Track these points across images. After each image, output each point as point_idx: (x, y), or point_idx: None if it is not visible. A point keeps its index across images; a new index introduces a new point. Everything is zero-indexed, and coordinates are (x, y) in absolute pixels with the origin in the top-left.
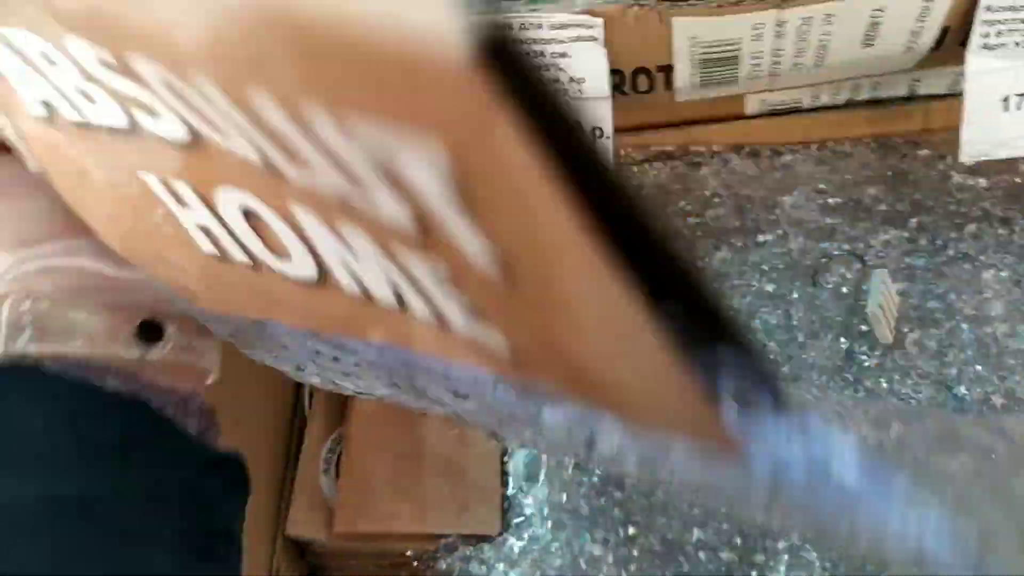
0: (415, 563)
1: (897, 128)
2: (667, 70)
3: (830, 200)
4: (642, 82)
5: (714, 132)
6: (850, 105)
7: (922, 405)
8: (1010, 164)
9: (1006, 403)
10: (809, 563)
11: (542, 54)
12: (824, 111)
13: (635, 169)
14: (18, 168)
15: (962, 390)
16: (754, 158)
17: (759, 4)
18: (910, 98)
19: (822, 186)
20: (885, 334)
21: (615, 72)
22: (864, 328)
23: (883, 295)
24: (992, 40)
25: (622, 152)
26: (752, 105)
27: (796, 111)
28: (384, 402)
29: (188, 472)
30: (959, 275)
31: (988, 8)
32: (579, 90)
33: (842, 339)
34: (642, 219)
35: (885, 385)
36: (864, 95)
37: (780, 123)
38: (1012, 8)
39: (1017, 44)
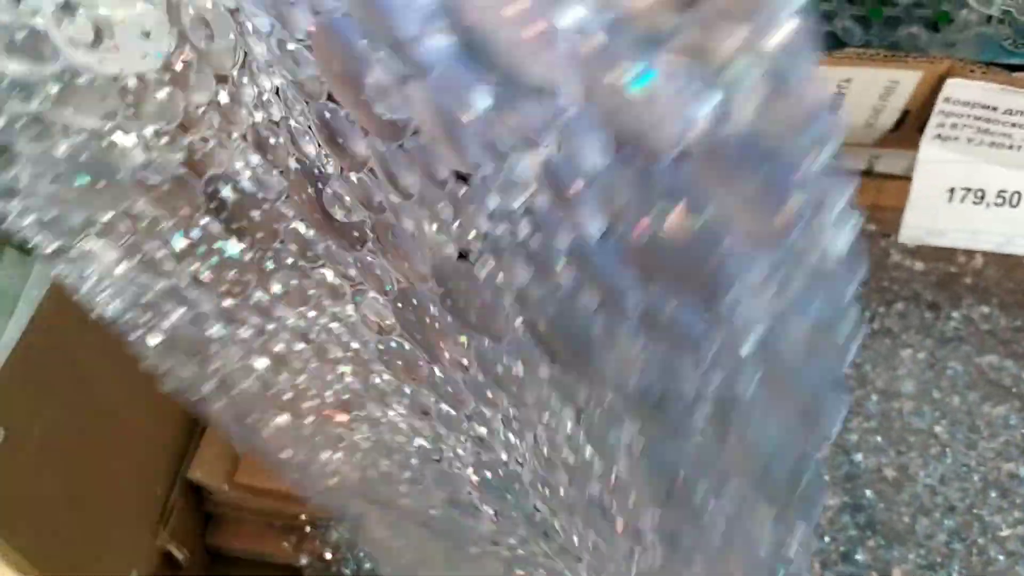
0: (307, 528)
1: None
2: None
3: None
4: None
5: None
6: None
7: None
8: (949, 253)
9: (897, 477)
10: None
11: None
12: None
13: None
14: None
15: (858, 457)
16: None
17: None
18: (867, 173)
19: None
20: None
21: None
22: None
23: None
24: (946, 132)
25: None
26: None
27: None
28: None
29: None
30: (878, 348)
31: (946, 100)
32: None
33: None
34: None
35: None
36: None
37: None
38: (968, 104)
39: (970, 140)
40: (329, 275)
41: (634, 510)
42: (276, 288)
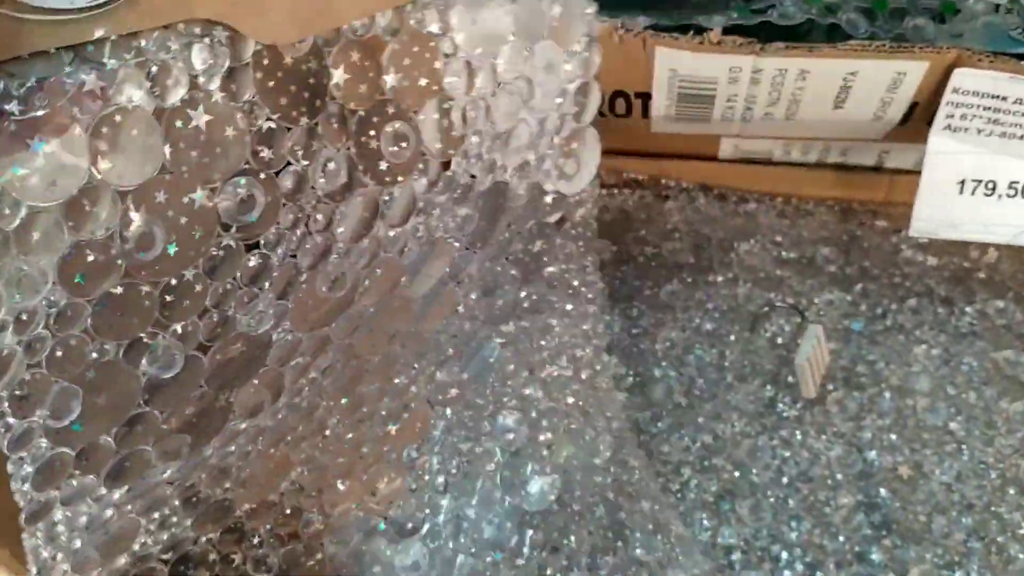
0: None
1: (860, 195)
2: (645, 97)
3: (784, 253)
4: (620, 105)
5: (686, 169)
6: (819, 165)
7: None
8: (961, 247)
9: (912, 475)
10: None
11: None
12: (794, 167)
13: (603, 192)
14: None
15: (872, 455)
16: (720, 200)
17: (739, 48)
18: (877, 169)
19: (779, 239)
20: (809, 389)
21: None
22: (792, 380)
23: (814, 350)
24: (956, 122)
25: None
26: (726, 149)
27: (767, 162)
28: None
29: None
30: (891, 345)
31: (955, 90)
32: None
33: (768, 387)
34: None
35: (799, 437)
36: (833, 158)
37: (750, 171)
38: (977, 94)
39: (979, 130)
40: None
41: None
42: None
